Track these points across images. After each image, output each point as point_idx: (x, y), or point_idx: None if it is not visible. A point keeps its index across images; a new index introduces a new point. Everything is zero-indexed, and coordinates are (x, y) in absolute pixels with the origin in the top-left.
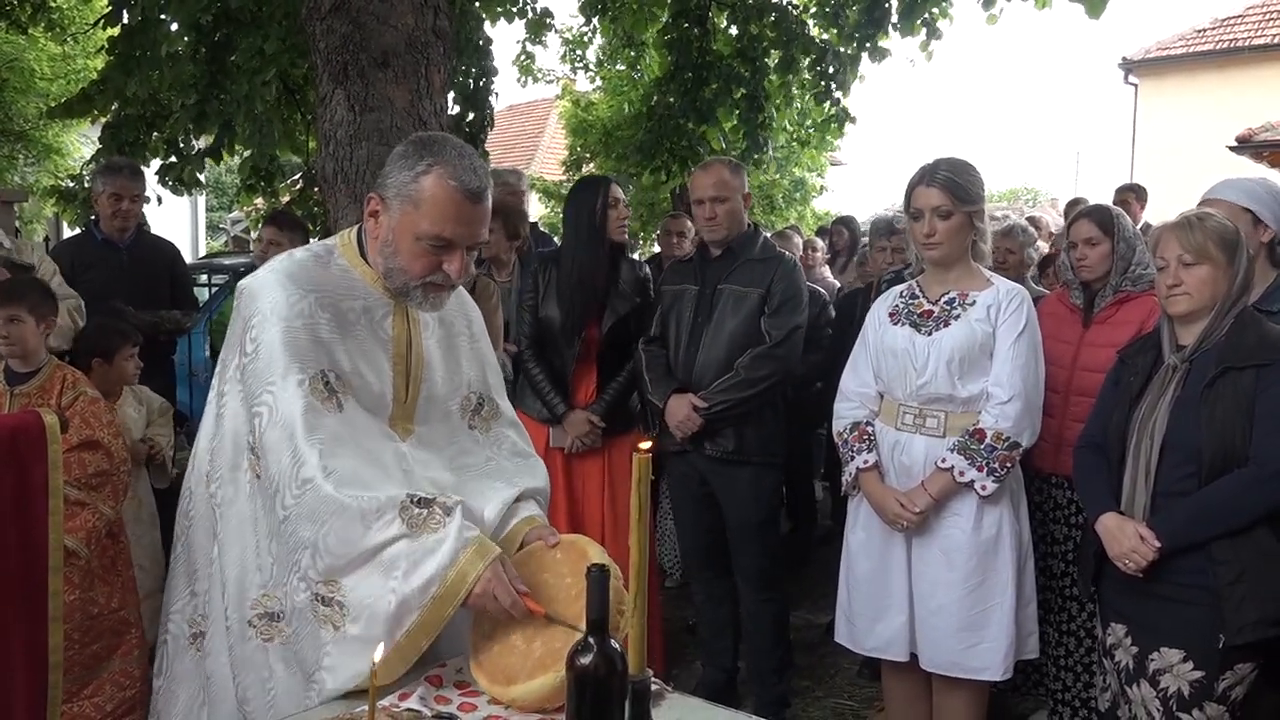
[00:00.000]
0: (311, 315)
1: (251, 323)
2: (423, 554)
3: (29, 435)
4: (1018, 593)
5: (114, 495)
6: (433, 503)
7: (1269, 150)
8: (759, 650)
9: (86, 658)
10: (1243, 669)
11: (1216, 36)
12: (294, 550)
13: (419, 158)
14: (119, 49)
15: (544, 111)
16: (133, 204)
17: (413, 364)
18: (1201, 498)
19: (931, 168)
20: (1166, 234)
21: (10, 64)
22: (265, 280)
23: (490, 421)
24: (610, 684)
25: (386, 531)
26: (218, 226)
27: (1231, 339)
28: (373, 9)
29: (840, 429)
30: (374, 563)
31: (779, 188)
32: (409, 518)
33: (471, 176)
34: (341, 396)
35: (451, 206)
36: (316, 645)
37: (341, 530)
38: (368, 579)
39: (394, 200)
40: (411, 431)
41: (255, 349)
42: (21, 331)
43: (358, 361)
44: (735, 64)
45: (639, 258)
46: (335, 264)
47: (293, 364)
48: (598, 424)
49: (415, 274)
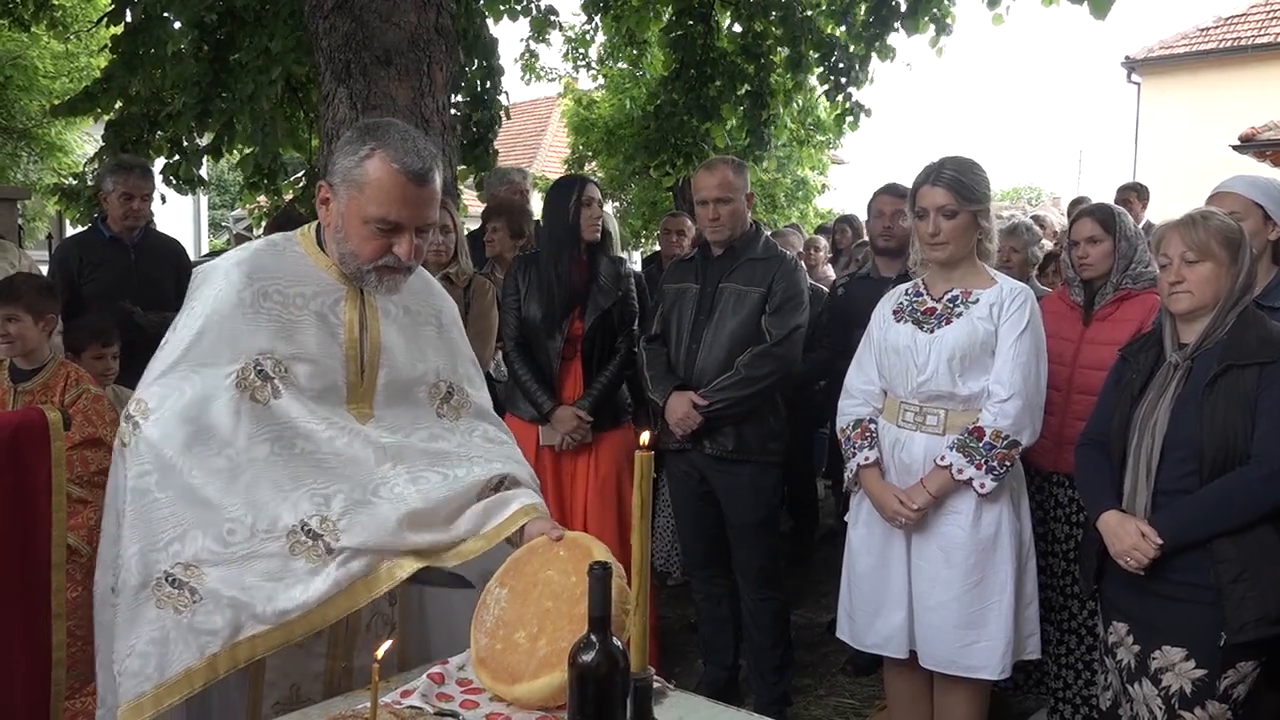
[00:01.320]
0: (254, 304)
1: (191, 306)
2: (293, 580)
3: (32, 432)
4: (1018, 592)
5: None
6: (320, 537)
7: (1271, 149)
8: (760, 648)
9: (89, 654)
10: (1245, 667)
11: (1219, 35)
12: (157, 530)
13: (362, 142)
14: (122, 47)
15: (546, 110)
16: (143, 203)
17: (367, 349)
18: (1203, 496)
19: (937, 167)
20: (1169, 231)
21: (13, 62)
22: (217, 267)
23: (460, 410)
24: (612, 681)
25: (269, 546)
26: (220, 224)
27: (1234, 337)
28: (375, 7)
29: (843, 426)
30: (249, 568)
31: (781, 186)
32: (293, 542)
33: (414, 159)
34: (279, 383)
35: (396, 189)
36: (147, 625)
37: (239, 526)
38: (234, 582)
39: (340, 186)
40: (370, 415)
41: (174, 331)
42: (20, 330)
43: (303, 346)
44: (739, 61)
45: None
46: (290, 251)
47: (223, 353)
48: (585, 419)
49: (366, 257)
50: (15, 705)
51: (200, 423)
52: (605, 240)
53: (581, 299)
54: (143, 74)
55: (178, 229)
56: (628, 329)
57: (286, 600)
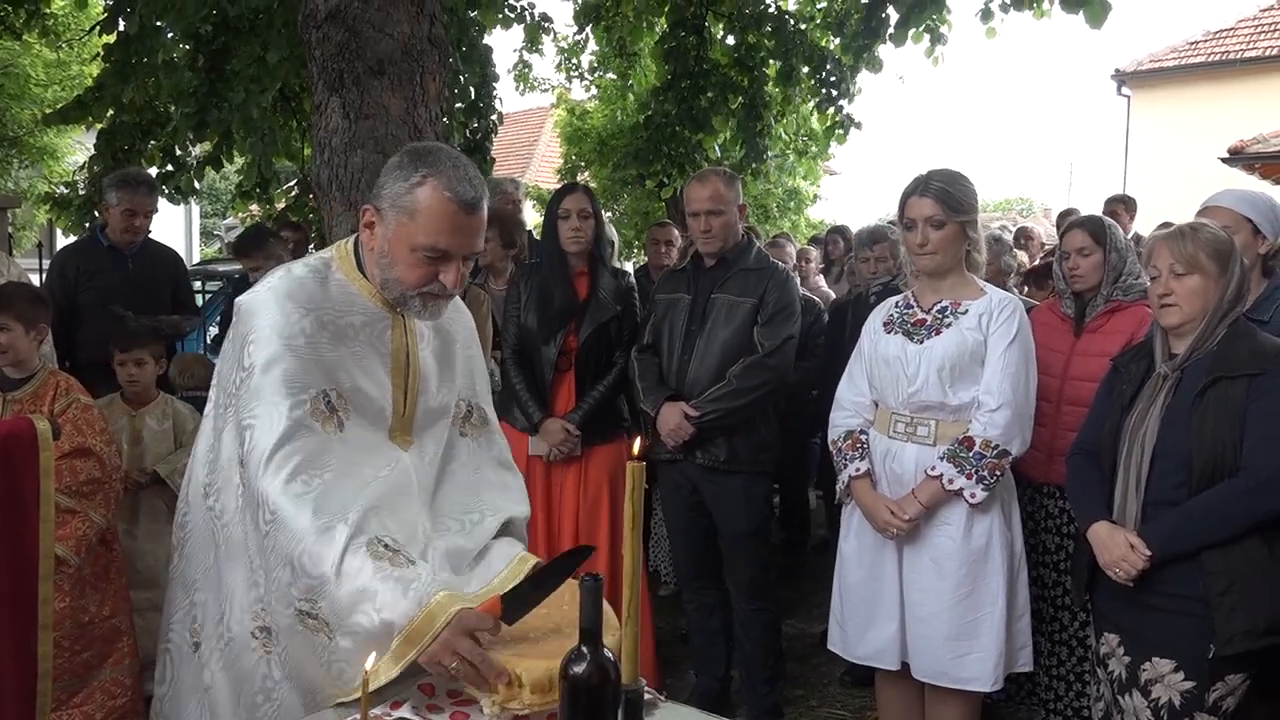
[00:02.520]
0: (312, 334)
1: (249, 339)
2: (390, 592)
3: (20, 442)
4: (1010, 604)
5: (105, 503)
6: (399, 551)
7: (1261, 162)
8: (751, 659)
9: (77, 665)
10: (1234, 680)
11: (1209, 49)
12: (274, 567)
13: (414, 168)
14: (114, 56)
15: (539, 120)
16: (145, 220)
17: (410, 376)
18: (1192, 507)
19: (925, 178)
20: (1159, 244)
21: (5, 70)
22: (263, 299)
23: (479, 428)
24: (603, 693)
25: (353, 561)
26: (212, 233)
27: (1224, 349)
28: (368, 17)
29: (835, 437)
30: (344, 590)
31: (773, 197)
32: (374, 553)
33: (466, 187)
34: (343, 415)
35: (446, 218)
36: (316, 651)
37: (314, 552)
38: (341, 604)
39: (389, 211)
40: (410, 443)
41: (251, 366)
42: (11, 339)
43: (358, 378)
44: (732, 73)
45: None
46: (333, 279)
47: (292, 385)
48: (573, 432)
49: (412, 284)
50: (3, 716)
51: (294, 457)
52: (607, 252)
53: (579, 312)
54: (135, 83)
55: (169, 238)
56: (626, 344)
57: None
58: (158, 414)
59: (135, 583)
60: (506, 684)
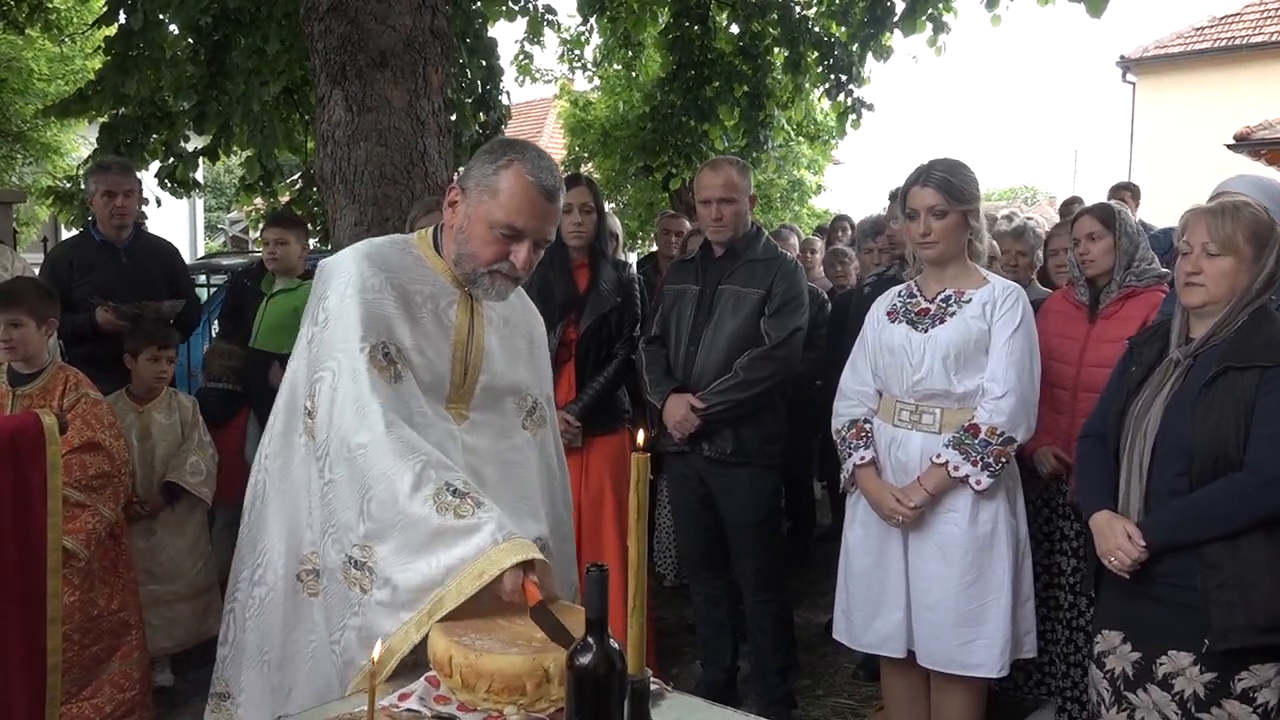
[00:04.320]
0: (380, 290)
1: (326, 294)
2: (454, 537)
3: (28, 436)
4: (1015, 590)
5: (115, 497)
6: (466, 495)
7: (1266, 148)
8: (762, 650)
9: (86, 659)
10: (1263, 671)
11: (1214, 35)
12: (335, 511)
13: (502, 153)
14: (115, 49)
15: (542, 111)
16: (127, 200)
17: (472, 352)
18: (1194, 501)
19: (927, 168)
20: (1196, 218)
21: (8, 64)
22: (344, 258)
23: (540, 426)
24: (609, 683)
25: (423, 508)
26: (216, 227)
27: (1240, 337)
28: (371, 9)
29: (839, 426)
30: (408, 535)
31: (776, 187)
32: (440, 502)
33: (549, 176)
34: (400, 368)
35: (526, 200)
36: (345, 605)
37: (385, 493)
38: (399, 552)
39: (473, 190)
40: (466, 417)
41: (325, 319)
42: (24, 335)
43: (420, 340)
44: (737, 61)
45: (635, 256)
46: (410, 251)
47: (356, 333)
48: (573, 423)
49: (484, 260)
50: (13, 710)
51: (346, 402)
52: (609, 244)
53: (579, 303)
54: (137, 76)
55: (173, 232)
56: (627, 335)
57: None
58: (164, 408)
59: (157, 576)
60: (536, 683)
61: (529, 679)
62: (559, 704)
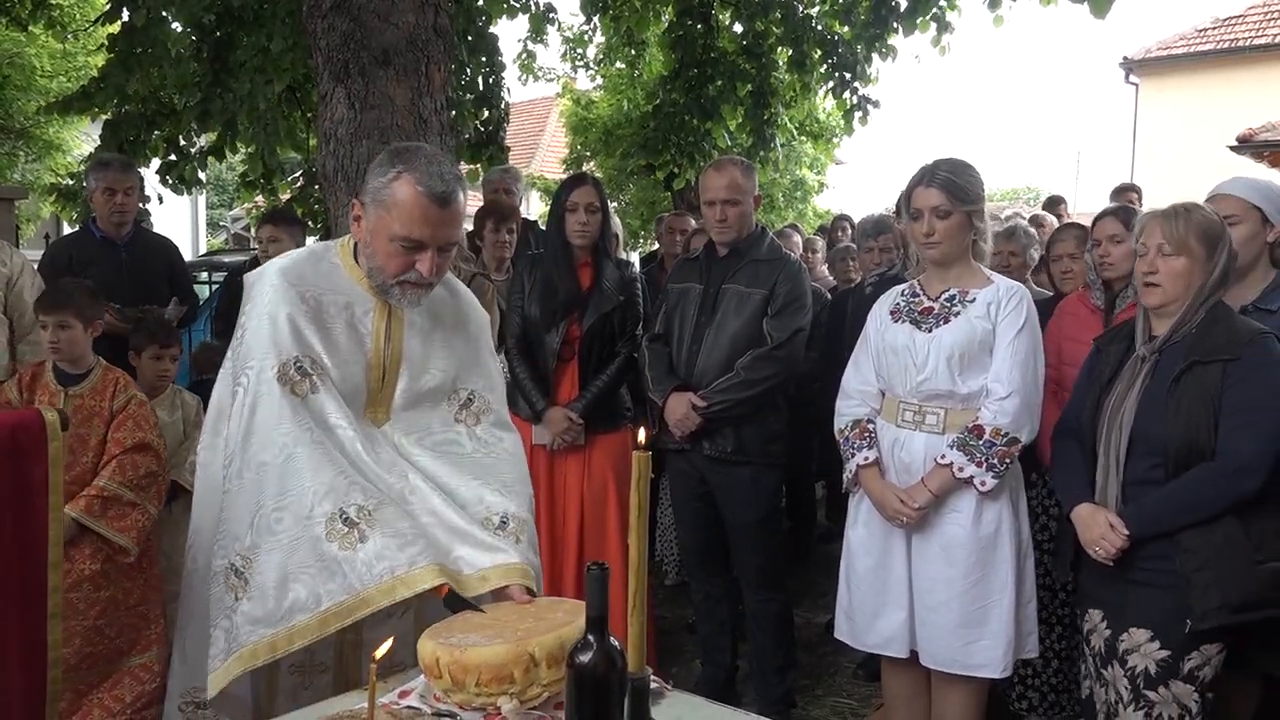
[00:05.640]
0: (293, 306)
1: (245, 310)
2: (335, 568)
3: (29, 433)
4: (1017, 590)
5: (159, 495)
6: (356, 524)
7: (1269, 150)
8: (761, 649)
9: (110, 651)
10: (1209, 650)
11: (1217, 36)
12: (229, 519)
13: (391, 165)
14: (118, 46)
15: (544, 110)
16: (127, 197)
17: (389, 358)
18: (1171, 490)
19: (931, 168)
20: (1151, 222)
21: (11, 61)
22: (261, 274)
23: (480, 415)
24: (610, 681)
25: (311, 531)
26: (218, 224)
27: (1201, 333)
28: (374, 7)
29: (841, 426)
30: (292, 556)
31: (779, 186)
32: (331, 529)
33: (438, 182)
34: (316, 379)
35: (419, 210)
36: (220, 607)
37: (276, 512)
38: (278, 569)
39: (370, 205)
40: (386, 420)
41: (242, 335)
42: (71, 336)
43: (333, 352)
44: (740, 60)
45: (638, 255)
46: (328, 261)
47: (269, 351)
48: (576, 421)
49: (391, 273)
50: (10, 706)
51: (253, 419)
52: (611, 243)
53: (582, 301)
54: (140, 73)
55: (175, 229)
56: (629, 334)
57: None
58: (168, 405)
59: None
60: (524, 669)
61: (515, 666)
62: (551, 687)
